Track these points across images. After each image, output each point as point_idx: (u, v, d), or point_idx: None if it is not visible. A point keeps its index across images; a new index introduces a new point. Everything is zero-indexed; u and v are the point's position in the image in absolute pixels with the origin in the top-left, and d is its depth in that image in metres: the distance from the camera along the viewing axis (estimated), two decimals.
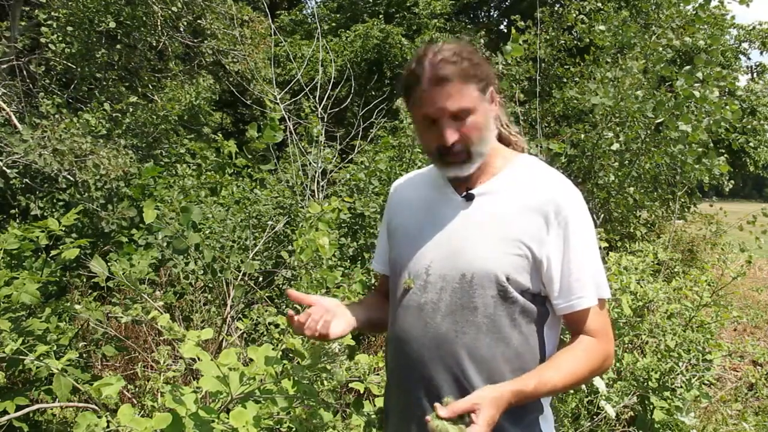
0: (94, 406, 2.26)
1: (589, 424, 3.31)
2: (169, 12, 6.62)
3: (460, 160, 1.39)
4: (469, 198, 1.44)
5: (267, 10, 6.79)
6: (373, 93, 9.39)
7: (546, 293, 1.39)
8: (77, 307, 2.99)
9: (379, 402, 2.40)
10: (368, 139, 5.54)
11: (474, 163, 1.40)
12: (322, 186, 4.71)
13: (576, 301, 1.36)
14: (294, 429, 2.16)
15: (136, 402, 2.95)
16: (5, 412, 2.70)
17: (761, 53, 9.13)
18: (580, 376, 1.36)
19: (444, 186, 1.50)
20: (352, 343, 2.35)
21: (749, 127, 6.00)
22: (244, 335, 3.40)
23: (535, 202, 1.37)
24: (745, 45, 9.25)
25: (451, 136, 1.35)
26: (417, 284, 1.44)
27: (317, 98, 4.89)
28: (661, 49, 4.69)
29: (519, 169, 1.46)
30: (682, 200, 6.57)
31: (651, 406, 3.37)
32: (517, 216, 1.38)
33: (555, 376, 1.32)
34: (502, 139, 1.55)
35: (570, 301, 1.36)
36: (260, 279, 4.11)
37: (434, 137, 1.39)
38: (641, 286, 3.63)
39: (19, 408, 2.75)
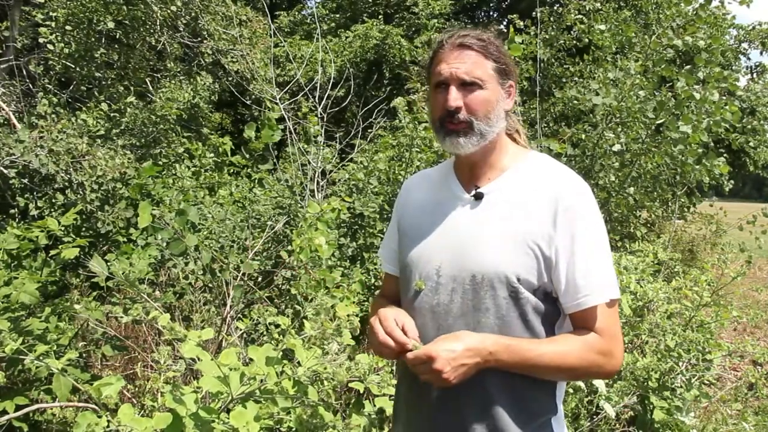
0: (94, 406, 2.25)
1: (589, 424, 3.31)
2: (168, 12, 6.61)
3: (460, 129, 1.38)
4: (478, 197, 1.43)
5: (267, 10, 6.79)
6: (373, 93, 9.40)
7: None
8: (77, 307, 2.98)
9: (379, 402, 2.39)
10: (368, 139, 5.54)
11: (474, 139, 1.39)
12: (322, 186, 4.71)
13: (583, 299, 1.33)
14: (294, 429, 2.16)
15: (136, 402, 2.94)
16: (5, 412, 2.70)
17: (761, 53, 9.14)
18: (573, 362, 1.32)
19: (453, 185, 1.49)
20: (352, 342, 2.35)
21: (749, 127, 6.00)
22: (244, 335, 3.40)
23: (543, 200, 1.36)
24: (745, 45, 9.25)
25: (455, 101, 1.36)
26: (428, 286, 1.42)
27: (317, 98, 4.89)
28: (661, 49, 4.69)
29: (528, 166, 1.45)
30: (682, 200, 6.57)
31: (651, 406, 3.37)
32: (526, 214, 1.36)
33: (544, 347, 1.31)
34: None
35: (577, 299, 1.33)
36: (260, 279, 4.10)
37: (440, 104, 1.39)
38: (641, 286, 3.63)
39: (18, 408, 2.74)
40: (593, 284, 1.33)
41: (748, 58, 11.60)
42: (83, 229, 4.61)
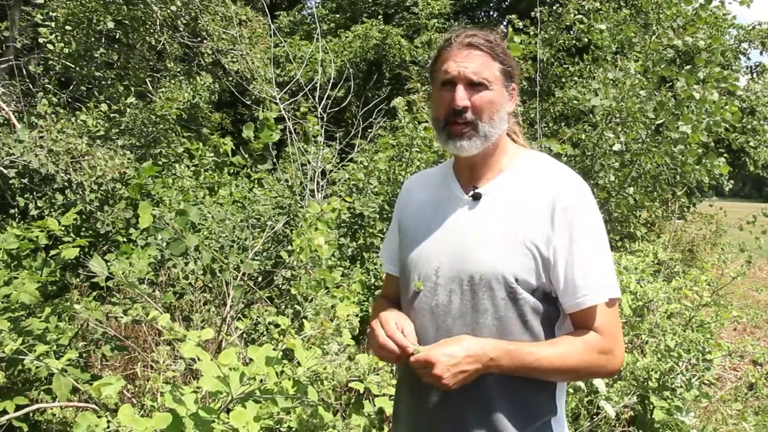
0: (94, 406, 2.25)
1: (589, 424, 3.30)
2: (168, 12, 6.62)
3: (466, 132, 1.37)
4: (476, 197, 1.43)
5: (266, 10, 6.80)
6: (373, 93, 9.40)
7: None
8: (77, 306, 2.98)
9: (379, 402, 2.39)
10: (368, 139, 5.54)
11: (478, 142, 1.38)
12: (322, 186, 4.71)
13: (582, 299, 1.32)
14: (294, 429, 2.16)
15: (136, 402, 2.94)
16: (5, 412, 2.70)
17: (761, 53, 9.13)
18: (574, 364, 1.32)
19: (452, 185, 1.49)
20: (352, 342, 2.35)
21: (749, 127, 5.99)
22: (244, 335, 3.40)
23: (541, 199, 1.35)
24: (744, 45, 9.24)
25: (462, 100, 1.36)
26: (427, 286, 1.42)
27: (317, 98, 4.89)
28: (661, 49, 4.69)
29: (527, 165, 1.45)
30: (682, 200, 6.56)
31: (651, 406, 3.37)
32: (524, 214, 1.36)
33: (545, 350, 1.31)
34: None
35: (576, 299, 1.33)
36: (260, 279, 4.10)
37: (446, 103, 1.39)
38: (641, 286, 3.63)
39: (18, 408, 2.74)
40: (592, 284, 1.32)
41: (748, 58, 11.62)
42: (83, 229, 4.60)
